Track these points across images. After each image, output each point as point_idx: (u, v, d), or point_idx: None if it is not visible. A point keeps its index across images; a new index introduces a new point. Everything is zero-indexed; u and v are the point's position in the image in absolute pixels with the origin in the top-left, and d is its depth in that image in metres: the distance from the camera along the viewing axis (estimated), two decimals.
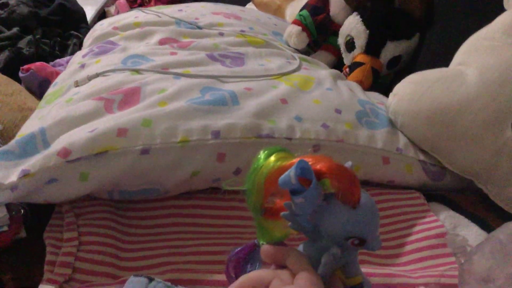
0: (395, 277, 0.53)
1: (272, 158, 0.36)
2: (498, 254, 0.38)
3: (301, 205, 0.34)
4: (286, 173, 0.33)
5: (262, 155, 0.36)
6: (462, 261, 0.40)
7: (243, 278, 0.37)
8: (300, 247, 0.39)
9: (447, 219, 0.64)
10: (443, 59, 0.78)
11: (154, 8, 1.09)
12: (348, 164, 0.36)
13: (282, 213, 0.36)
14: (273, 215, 0.38)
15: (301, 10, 1.08)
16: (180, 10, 1.06)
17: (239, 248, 0.41)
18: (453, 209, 0.66)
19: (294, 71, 0.80)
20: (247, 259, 0.42)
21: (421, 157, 0.69)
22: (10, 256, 0.54)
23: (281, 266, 0.38)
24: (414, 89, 0.71)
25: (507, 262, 0.37)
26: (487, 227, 0.62)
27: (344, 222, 0.35)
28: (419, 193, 0.68)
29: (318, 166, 0.34)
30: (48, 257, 0.52)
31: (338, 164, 0.35)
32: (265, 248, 0.38)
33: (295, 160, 0.34)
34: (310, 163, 0.34)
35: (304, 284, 0.34)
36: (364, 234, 0.35)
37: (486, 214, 0.66)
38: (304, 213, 0.35)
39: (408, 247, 0.60)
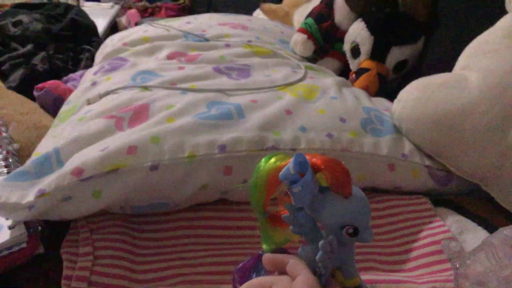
0: (402, 284, 0.54)
1: (273, 159, 0.40)
2: (492, 259, 0.39)
3: (299, 195, 0.37)
4: (285, 167, 0.37)
5: (263, 159, 0.40)
6: (457, 266, 0.41)
7: (245, 285, 0.39)
8: (300, 250, 0.42)
9: (454, 224, 0.65)
10: (449, 61, 0.79)
11: (162, 21, 1.11)
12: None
13: (283, 215, 0.40)
14: (276, 221, 0.42)
15: (306, 18, 1.09)
16: (188, 23, 1.08)
17: (245, 261, 0.44)
18: (460, 213, 0.67)
19: (299, 80, 0.81)
20: (252, 269, 0.44)
21: (427, 162, 0.70)
22: (29, 271, 0.57)
23: (283, 274, 0.40)
24: (418, 95, 0.72)
25: (501, 266, 0.38)
26: (494, 231, 0.62)
27: (338, 211, 0.38)
28: (426, 198, 0.69)
29: (313, 160, 0.38)
30: (65, 272, 0.54)
31: (332, 158, 0.38)
32: (266, 256, 0.41)
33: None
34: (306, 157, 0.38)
35: (301, 285, 0.36)
36: (356, 222, 0.38)
37: (493, 217, 0.66)
38: (303, 203, 0.38)
39: (415, 253, 0.61)
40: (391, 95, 0.84)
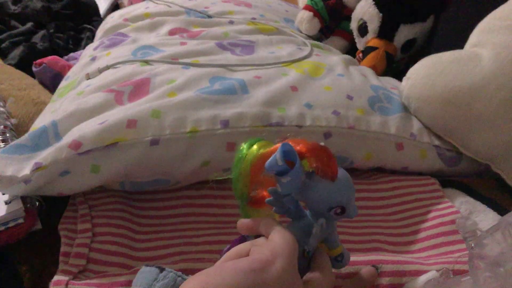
0: (409, 264, 0.52)
1: (255, 146, 0.40)
2: (509, 238, 0.37)
3: (288, 184, 0.38)
4: (272, 157, 0.37)
5: (244, 145, 0.40)
6: (473, 245, 0.39)
7: (224, 256, 0.39)
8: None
9: (463, 205, 0.63)
10: (459, 41, 0.77)
11: None
12: (321, 143, 0.40)
13: (267, 200, 0.41)
14: (257, 204, 0.43)
15: None
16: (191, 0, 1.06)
17: (227, 247, 0.44)
18: (469, 195, 0.65)
19: (305, 57, 0.79)
20: None
21: (436, 142, 0.68)
22: (26, 248, 0.56)
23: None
24: (428, 72, 0.70)
25: None
26: (504, 212, 0.60)
27: (327, 195, 0.39)
28: (434, 179, 0.67)
29: (298, 148, 0.38)
30: (63, 248, 0.53)
31: (315, 144, 0.39)
32: (240, 222, 0.42)
33: (278, 145, 0.38)
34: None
35: (276, 238, 0.37)
36: (344, 202, 0.40)
37: (503, 199, 0.65)
38: (291, 191, 0.39)
39: (423, 234, 0.59)
40: (399, 75, 0.81)
